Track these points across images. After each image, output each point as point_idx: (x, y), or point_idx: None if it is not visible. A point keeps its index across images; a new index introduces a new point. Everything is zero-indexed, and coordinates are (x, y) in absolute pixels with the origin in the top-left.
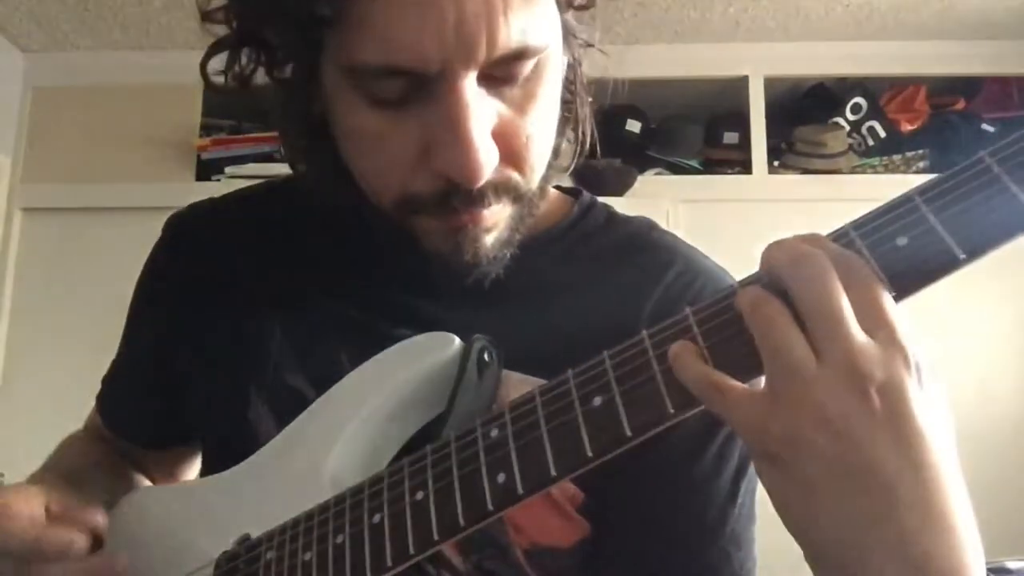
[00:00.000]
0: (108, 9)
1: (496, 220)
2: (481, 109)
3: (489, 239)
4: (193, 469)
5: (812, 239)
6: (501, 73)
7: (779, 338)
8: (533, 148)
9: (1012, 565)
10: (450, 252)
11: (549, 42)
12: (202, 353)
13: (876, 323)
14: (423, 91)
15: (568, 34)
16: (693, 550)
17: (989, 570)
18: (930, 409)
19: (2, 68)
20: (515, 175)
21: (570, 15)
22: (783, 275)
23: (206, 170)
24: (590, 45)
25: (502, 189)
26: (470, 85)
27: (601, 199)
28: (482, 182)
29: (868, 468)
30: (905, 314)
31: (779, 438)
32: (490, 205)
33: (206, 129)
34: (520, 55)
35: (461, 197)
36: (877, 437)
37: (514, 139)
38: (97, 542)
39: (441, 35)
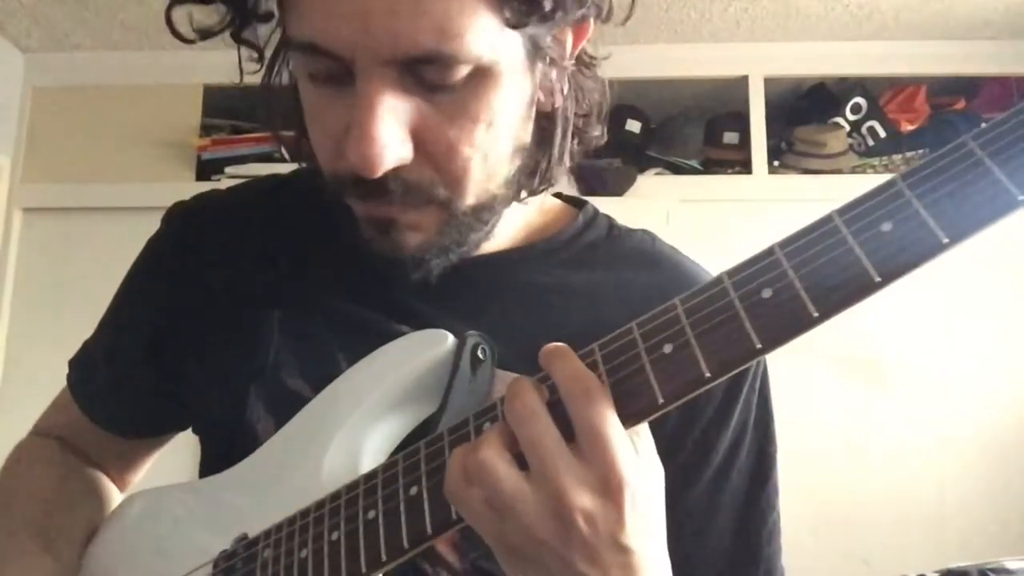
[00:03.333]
0: (108, 9)
1: (417, 221)
2: (390, 102)
3: (412, 239)
4: (149, 464)
5: (552, 363)
6: (428, 75)
7: (493, 465)
8: (456, 159)
9: (1012, 565)
10: (375, 241)
11: (486, 56)
12: (200, 349)
13: (591, 449)
14: (348, 74)
15: (537, 51)
16: (688, 550)
17: (989, 570)
18: (639, 524)
19: (2, 68)
20: (434, 179)
21: (543, 29)
22: (504, 412)
23: (206, 170)
24: (593, 59)
25: (415, 189)
26: (381, 77)
27: (601, 200)
28: (377, 174)
29: None
30: (641, 434)
31: (507, 547)
32: (399, 203)
33: (206, 129)
34: (436, 60)
35: (364, 187)
36: (583, 558)
37: (433, 144)
38: None
39: (349, 23)
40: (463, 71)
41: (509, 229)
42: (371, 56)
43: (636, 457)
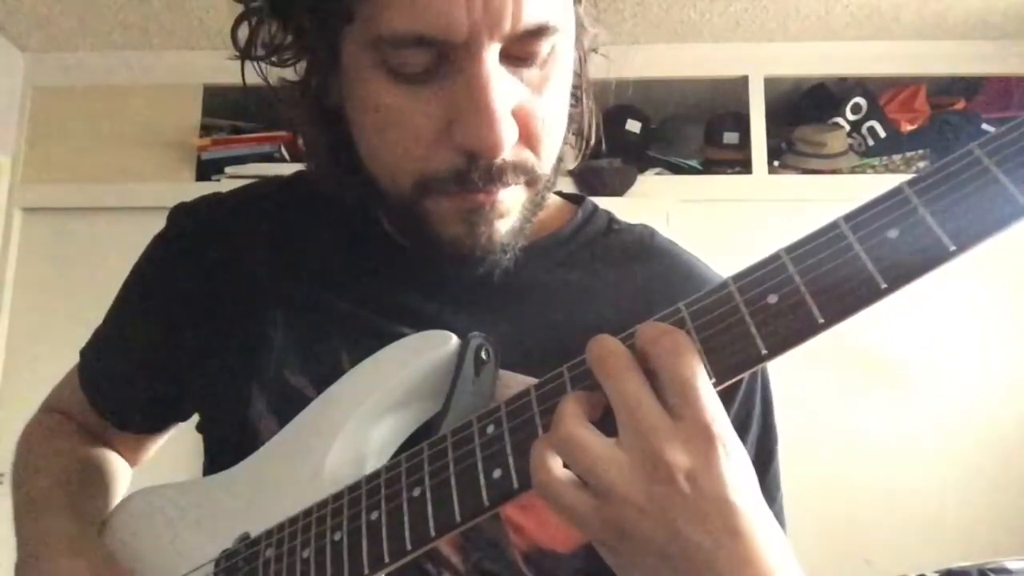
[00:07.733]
0: (108, 9)
1: (510, 206)
2: (503, 83)
3: (502, 225)
4: (158, 445)
5: (644, 331)
6: (521, 52)
7: (581, 438)
8: (548, 132)
9: (1012, 565)
10: (464, 236)
11: (565, 26)
12: (203, 348)
13: (682, 404)
14: (447, 64)
15: (579, 27)
16: None
17: (989, 570)
18: (738, 478)
19: (2, 68)
20: (531, 157)
21: (582, 8)
22: (593, 372)
23: (206, 170)
24: (593, 50)
25: (520, 169)
26: (493, 57)
27: (601, 200)
28: (503, 154)
29: (683, 550)
30: (715, 393)
31: (608, 529)
32: (508, 185)
33: (206, 129)
34: (540, 32)
35: (481, 172)
36: (689, 520)
37: (531, 120)
38: None
39: (469, 3)
40: (549, 44)
41: None
42: (486, 35)
43: (723, 410)
